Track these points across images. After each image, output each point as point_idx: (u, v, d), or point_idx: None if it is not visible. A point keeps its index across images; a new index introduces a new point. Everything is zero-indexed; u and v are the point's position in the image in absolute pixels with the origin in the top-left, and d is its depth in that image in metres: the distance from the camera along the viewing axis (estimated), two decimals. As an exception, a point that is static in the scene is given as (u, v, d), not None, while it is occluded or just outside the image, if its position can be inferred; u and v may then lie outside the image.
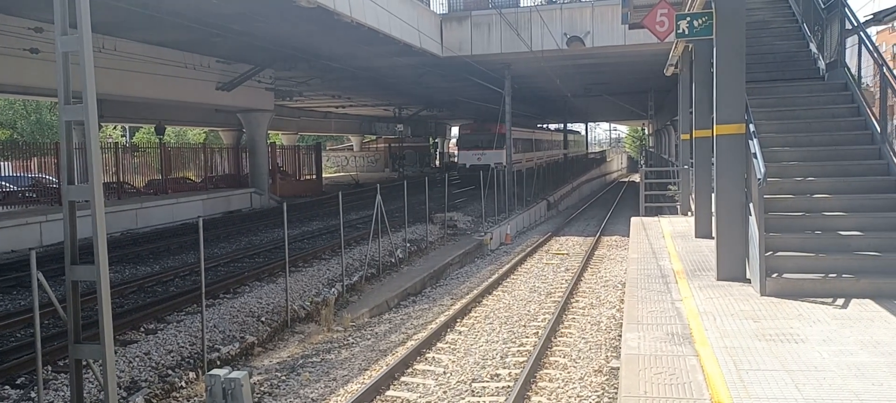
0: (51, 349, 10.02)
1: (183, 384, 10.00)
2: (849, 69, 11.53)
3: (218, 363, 10.73)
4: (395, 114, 57.11)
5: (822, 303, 7.85)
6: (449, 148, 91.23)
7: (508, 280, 17.22)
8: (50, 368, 9.65)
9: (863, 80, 11.88)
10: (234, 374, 7.33)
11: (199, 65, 25.71)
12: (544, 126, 63.67)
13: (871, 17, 13.42)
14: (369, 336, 12.53)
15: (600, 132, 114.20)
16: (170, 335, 11.22)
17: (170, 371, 10.16)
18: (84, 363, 7.06)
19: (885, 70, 9.75)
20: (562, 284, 16.26)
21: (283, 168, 40.74)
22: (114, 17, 18.10)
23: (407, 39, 23.99)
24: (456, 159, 38.30)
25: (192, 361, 10.63)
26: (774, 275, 8.37)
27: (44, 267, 9.56)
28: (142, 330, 11.56)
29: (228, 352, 11.22)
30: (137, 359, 10.19)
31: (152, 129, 39.42)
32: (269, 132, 36.29)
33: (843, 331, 6.83)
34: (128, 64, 21.91)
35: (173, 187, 29.87)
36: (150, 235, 22.28)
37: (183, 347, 10.94)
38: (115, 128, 51.94)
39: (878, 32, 58.49)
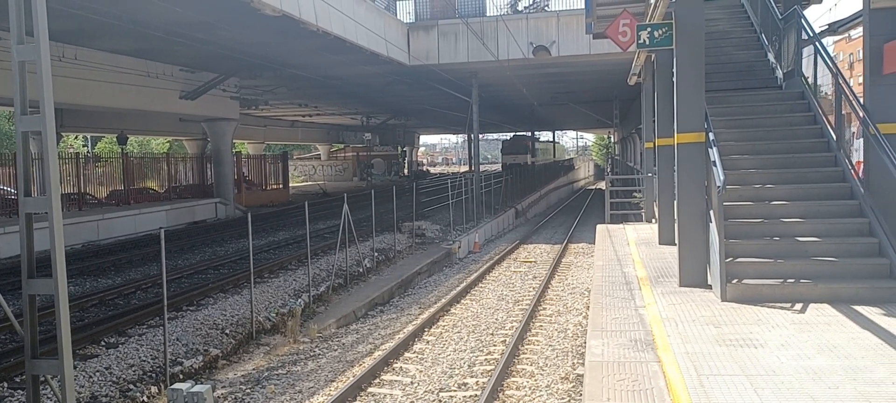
0: (7, 365, 9.79)
1: (145, 399, 9.84)
2: (805, 78, 11.81)
3: (181, 376, 10.58)
4: (363, 123, 57.01)
5: (781, 308, 8.00)
6: (418, 156, 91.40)
7: (476, 288, 17.26)
8: (6, 384, 9.44)
9: (821, 89, 12.17)
10: (198, 388, 7.23)
11: (162, 73, 25.38)
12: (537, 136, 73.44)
13: (827, 27, 13.79)
14: (336, 347, 12.46)
15: (567, 140, 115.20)
16: (131, 349, 11.02)
17: (131, 386, 9.98)
18: (42, 378, 6.91)
19: (839, 79, 10.00)
20: (529, 292, 16.34)
21: (248, 177, 40.41)
22: (73, 25, 17.81)
23: (374, 48, 23.98)
24: (502, 162, 56.18)
25: (154, 375, 10.45)
26: (734, 281, 8.51)
27: (0, 280, 9.40)
28: (102, 343, 11.34)
29: (191, 366, 11.07)
30: (98, 374, 9.99)
31: (115, 139, 38.81)
32: (234, 141, 35.97)
33: (801, 336, 6.96)
34: (88, 73, 21.55)
35: (136, 198, 29.44)
36: (112, 247, 21.91)
37: (145, 361, 10.76)
38: (76, 137, 51.03)
39: (835, 42, 60.01)
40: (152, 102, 25.86)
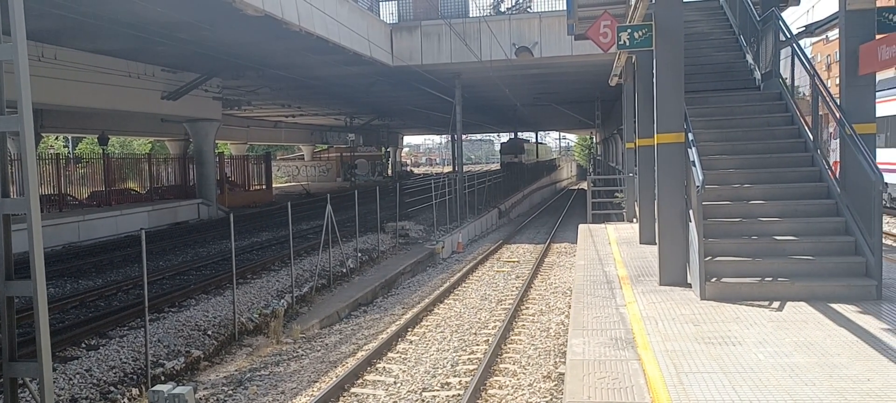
0: (-14, 368, 9.67)
1: (126, 401, 9.77)
2: (783, 79, 11.95)
3: (162, 378, 10.52)
4: (346, 124, 56.89)
5: (759, 306, 8.10)
6: (402, 157, 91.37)
7: (460, 288, 17.29)
8: (-15, 387, 9.32)
9: (799, 90, 12.32)
10: (179, 390, 7.22)
11: (143, 73, 25.20)
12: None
13: (804, 29, 13.98)
14: (319, 348, 12.44)
15: (550, 141, 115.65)
16: (112, 350, 10.95)
17: (112, 388, 9.92)
18: (20, 381, 6.86)
19: (816, 80, 10.13)
20: (512, 291, 16.40)
21: (231, 178, 40.21)
22: (53, 24, 17.66)
23: (357, 49, 23.95)
24: (501, 160, 65.88)
25: (135, 377, 10.39)
26: (713, 280, 8.60)
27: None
28: (83, 345, 11.26)
29: (173, 367, 11.01)
30: (78, 376, 9.92)
31: (96, 140, 38.49)
32: (217, 142, 35.81)
33: (779, 333, 7.06)
34: (69, 73, 21.35)
35: (117, 199, 29.21)
36: (93, 248, 21.73)
37: (126, 363, 10.69)
38: (56, 138, 50.54)
39: (812, 44, 60.65)
40: (133, 103, 25.67)
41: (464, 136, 36.61)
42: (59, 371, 9.80)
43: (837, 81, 10.28)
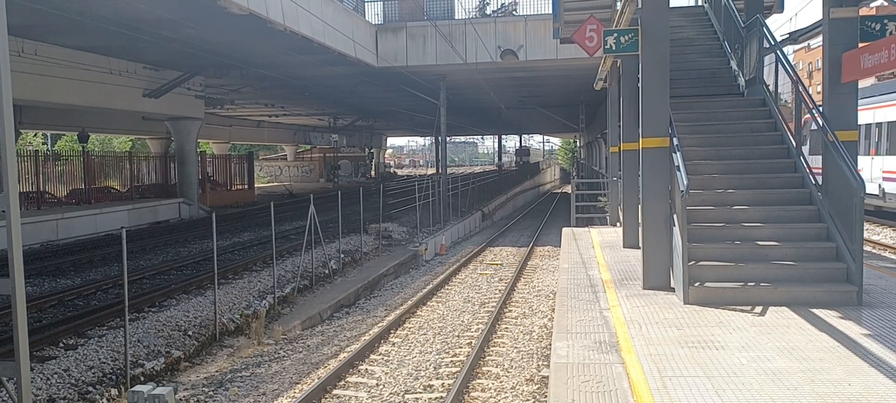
0: (-39, 367, 9.51)
1: (105, 401, 9.65)
2: (766, 86, 12.05)
3: (142, 379, 10.40)
4: (330, 124, 56.69)
5: (742, 311, 8.15)
6: (385, 158, 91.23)
7: (443, 290, 17.26)
8: (-41, 387, 9.16)
9: (781, 96, 12.40)
10: (159, 390, 7.12)
11: (125, 70, 24.94)
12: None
13: (788, 36, 14.11)
14: (301, 349, 12.36)
15: (534, 143, 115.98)
16: (91, 350, 10.81)
17: (90, 388, 9.78)
18: (-3, 381, 6.74)
19: (799, 87, 10.22)
20: (495, 294, 16.39)
21: (213, 177, 39.91)
22: (34, 20, 17.44)
23: (341, 49, 23.88)
24: (514, 161, 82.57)
25: (114, 377, 10.26)
26: (697, 284, 8.64)
27: (-46, 280, 9.13)
28: (61, 345, 11.11)
29: (153, 368, 10.89)
30: (56, 376, 9.78)
31: (75, 137, 38.02)
32: (199, 141, 35.51)
33: (761, 338, 7.10)
34: (49, 69, 21.08)
35: (97, 197, 28.88)
36: (71, 246, 21.47)
37: (105, 363, 10.55)
38: (35, 135, 49.94)
39: (795, 51, 61.32)
40: (115, 100, 25.40)
41: (448, 138, 36.65)
42: (36, 370, 9.66)
43: (819, 89, 10.37)
